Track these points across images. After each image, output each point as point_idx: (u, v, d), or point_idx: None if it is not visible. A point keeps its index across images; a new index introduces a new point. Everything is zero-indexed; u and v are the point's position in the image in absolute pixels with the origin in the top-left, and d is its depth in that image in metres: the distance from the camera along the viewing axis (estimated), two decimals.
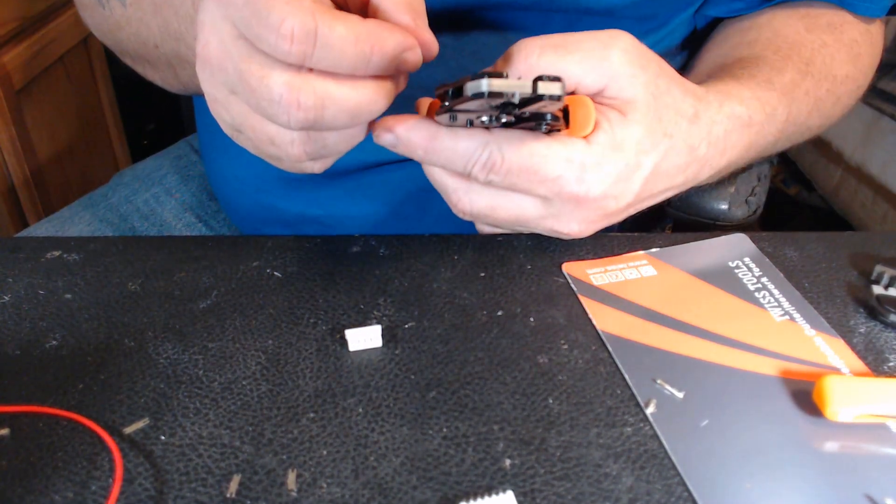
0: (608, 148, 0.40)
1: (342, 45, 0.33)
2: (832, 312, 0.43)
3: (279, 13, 0.32)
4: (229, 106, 0.37)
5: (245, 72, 0.34)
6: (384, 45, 0.34)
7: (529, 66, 0.39)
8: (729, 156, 0.45)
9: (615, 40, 0.40)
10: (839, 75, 0.54)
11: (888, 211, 1.35)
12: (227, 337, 0.41)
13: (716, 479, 0.33)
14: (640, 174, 0.41)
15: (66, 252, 0.47)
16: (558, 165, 0.40)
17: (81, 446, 0.34)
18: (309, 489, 0.32)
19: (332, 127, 0.37)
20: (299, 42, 0.32)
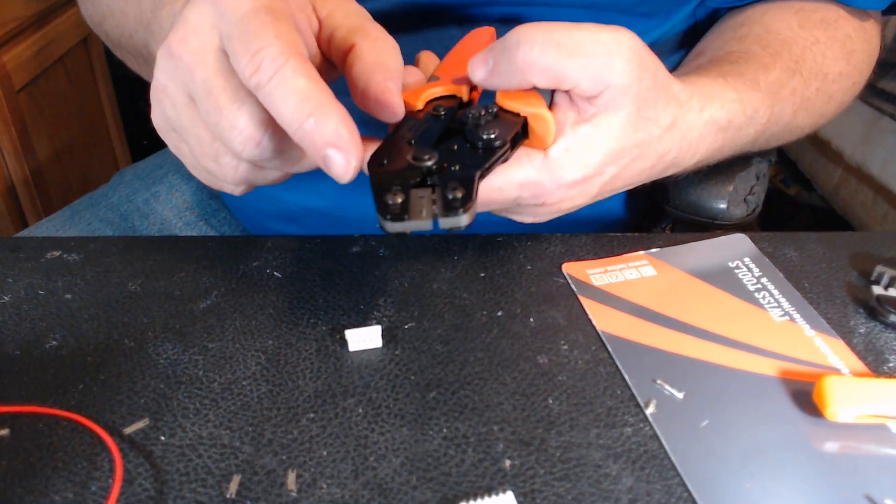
0: (571, 161, 0.39)
1: (289, 94, 0.33)
2: (832, 313, 0.43)
3: (261, 41, 0.33)
4: (179, 107, 0.37)
5: (216, 88, 0.34)
6: (323, 123, 0.33)
7: (527, 63, 0.38)
8: (699, 157, 0.45)
9: (621, 47, 0.38)
10: (831, 73, 0.54)
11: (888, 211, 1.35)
12: (227, 337, 0.41)
13: (716, 480, 0.33)
14: (599, 180, 0.41)
15: (66, 252, 0.47)
16: (514, 191, 0.39)
17: (81, 446, 0.34)
18: (309, 489, 0.32)
19: (282, 169, 0.38)
20: (262, 72, 0.33)
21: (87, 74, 1.40)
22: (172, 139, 0.39)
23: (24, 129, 1.21)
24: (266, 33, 0.33)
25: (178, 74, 0.36)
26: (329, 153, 0.33)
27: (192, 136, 0.37)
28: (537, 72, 0.38)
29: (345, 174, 0.34)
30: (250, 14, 0.34)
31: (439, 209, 0.33)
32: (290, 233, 0.63)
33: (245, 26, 0.34)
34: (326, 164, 0.34)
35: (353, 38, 0.38)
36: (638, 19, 0.57)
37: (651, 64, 0.39)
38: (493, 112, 0.39)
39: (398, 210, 0.33)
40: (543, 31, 0.38)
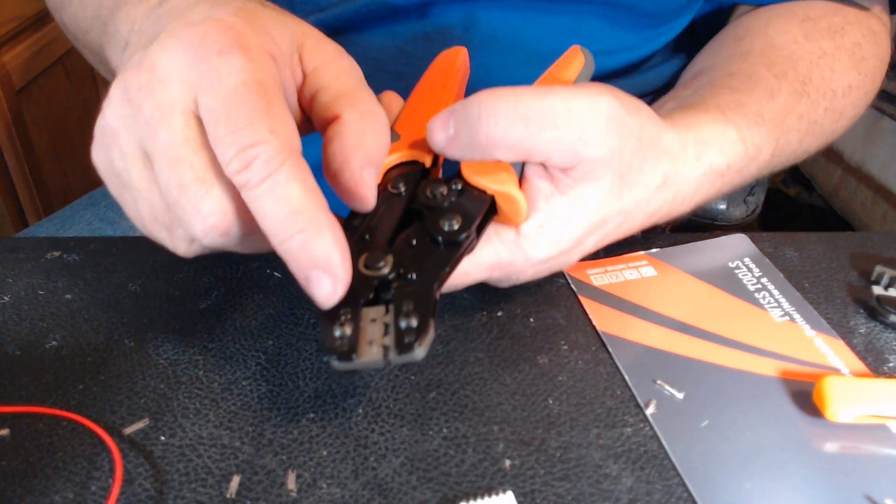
0: (546, 238, 0.36)
1: (280, 203, 0.29)
2: (832, 313, 0.43)
3: (254, 135, 0.29)
4: (130, 162, 0.32)
5: (182, 161, 0.30)
6: (313, 243, 0.29)
7: (491, 139, 0.34)
8: (694, 205, 0.42)
9: (596, 115, 0.34)
10: (840, 88, 0.51)
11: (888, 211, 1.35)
12: (227, 337, 0.41)
13: (716, 480, 0.33)
14: (578, 251, 0.38)
15: (67, 252, 0.47)
16: (483, 273, 0.37)
17: (81, 447, 0.34)
18: (309, 490, 0.32)
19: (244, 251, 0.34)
20: (251, 172, 0.29)
21: (87, 74, 1.40)
22: (115, 186, 0.34)
23: (24, 129, 1.21)
24: (260, 125, 0.29)
25: (134, 126, 0.31)
26: (313, 276, 0.30)
27: (143, 199, 0.32)
28: (503, 148, 0.34)
29: (327, 300, 0.30)
30: (240, 91, 0.30)
31: (391, 341, 0.30)
32: None
33: (235, 107, 0.29)
34: (309, 285, 0.30)
35: (338, 106, 0.34)
36: (639, 19, 0.57)
37: (634, 125, 0.36)
38: (456, 189, 0.35)
39: (345, 347, 0.30)
40: (508, 100, 0.34)
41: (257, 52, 0.31)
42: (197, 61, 0.30)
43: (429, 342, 0.30)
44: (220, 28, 0.31)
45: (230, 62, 0.30)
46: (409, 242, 0.34)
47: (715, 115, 0.42)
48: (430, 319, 0.30)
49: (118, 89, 0.31)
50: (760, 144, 0.44)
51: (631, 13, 0.55)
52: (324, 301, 0.30)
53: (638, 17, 0.56)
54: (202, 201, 0.30)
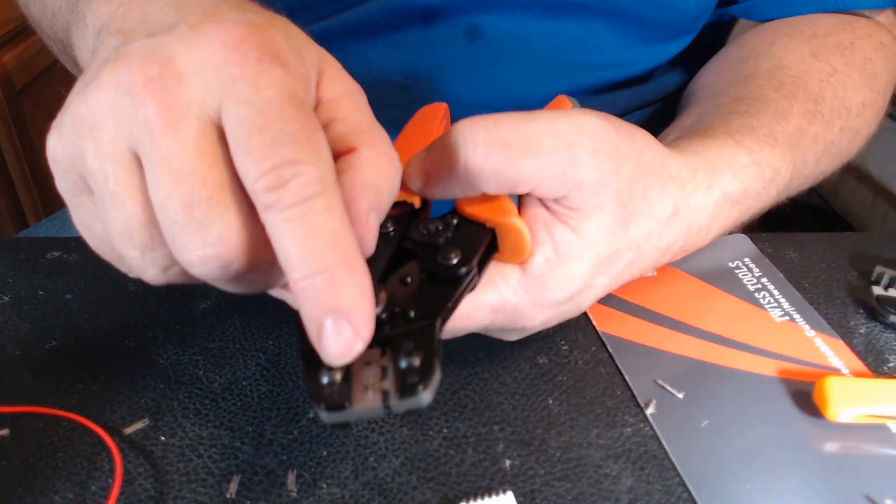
0: (555, 277, 0.34)
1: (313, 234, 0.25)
2: (832, 313, 0.43)
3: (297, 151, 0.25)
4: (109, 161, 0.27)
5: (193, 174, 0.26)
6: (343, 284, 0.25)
7: (470, 170, 0.31)
8: (712, 236, 0.40)
9: (581, 137, 0.32)
10: (854, 106, 0.48)
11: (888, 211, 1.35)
12: (227, 337, 0.41)
13: (716, 480, 0.33)
14: (589, 294, 0.35)
15: (67, 252, 0.47)
16: (485, 317, 0.34)
17: (81, 447, 0.34)
18: (309, 490, 0.32)
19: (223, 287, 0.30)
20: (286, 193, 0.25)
21: None
22: (72, 185, 0.29)
23: (25, 129, 1.20)
24: (306, 143, 0.25)
25: (129, 123, 0.26)
26: (332, 322, 0.25)
27: (117, 209, 0.27)
28: (484, 178, 0.31)
29: (343, 355, 0.25)
30: (284, 104, 0.26)
31: (392, 387, 0.26)
32: None
33: (277, 120, 0.25)
34: (323, 334, 0.25)
35: (355, 140, 0.30)
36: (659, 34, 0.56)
37: (628, 148, 0.33)
38: (452, 224, 0.33)
39: (336, 396, 0.25)
40: (486, 126, 0.31)
41: (295, 72, 0.28)
42: (229, 64, 0.26)
43: (435, 385, 0.26)
44: (259, 36, 0.27)
45: (271, 73, 0.26)
46: (404, 281, 0.31)
47: (724, 141, 0.40)
48: (436, 358, 0.27)
49: (116, 76, 0.26)
50: (777, 167, 0.41)
51: (640, 25, 0.55)
52: (339, 356, 0.25)
53: (646, 30, 0.55)
54: (210, 226, 0.26)
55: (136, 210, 0.27)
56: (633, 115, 0.61)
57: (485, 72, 0.54)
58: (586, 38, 0.55)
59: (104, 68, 0.27)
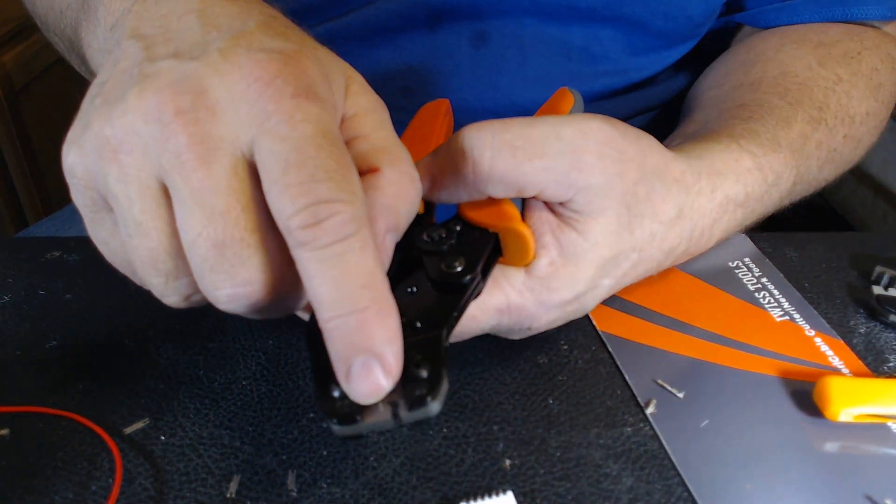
0: (560, 279, 0.34)
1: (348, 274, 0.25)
2: (832, 313, 0.43)
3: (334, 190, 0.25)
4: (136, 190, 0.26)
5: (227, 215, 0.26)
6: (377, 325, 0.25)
7: (478, 175, 0.32)
8: (716, 240, 0.41)
9: (587, 140, 0.32)
10: (858, 114, 0.49)
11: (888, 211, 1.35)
12: (227, 337, 0.41)
13: (716, 480, 0.33)
14: (594, 295, 0.36)
15: (67, 252, 0.47)
16: (491, 319, 0.34)
17: (81, 446, 0.34)
18: (309, 489, 0.32)
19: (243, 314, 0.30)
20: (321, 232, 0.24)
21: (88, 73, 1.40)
22: (92, 203, 0.29)
23: (24, 129, 1.21)
24: (343, 181, 0.25)
25: (159, 153, 0.26)
26: (363, 363, 0.25)
27: (143, 236, 0.27)
28: (492, 182, 0.32)
29: (371, 395, 0.25)
30: (320, 141, 0.25)
31: (400, 398, 0.26)
32: None
33: (313, 157, 0.25)
34: (353, 374, 0.25)
35: (378, 160, 0.29)
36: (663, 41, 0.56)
37: (633, 151, 0.34)
38: (455, 230, 0.33)
39: (348, 410, 0.26)
40: (493, 131, 0.31)
41: (328, 106, 0.27)
42: (263, 99, 0.26)
43: (443, 395, 0.27)
44: (293, 69, 0.27)
45: (306, 109, 0.26)
46: (408, 291, 0.31)
47: (728, 145, 0.40)
48: (443, 369, 0.27)
49: (145, 101, 0.26)
50: (780, 171, 0.42)
51: (645, 32, 0.55)
52: (367, 395, 0.25)
53: (651, 37, 0.55)
54: (241, 267, 0.26)
55: (163, 240, 0.27)
56: (637, 119, 0.61)
57: (490, 77, 0.54)
58: (592, 45, 0.54)
59: (131, 90, 0.26)
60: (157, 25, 0.29)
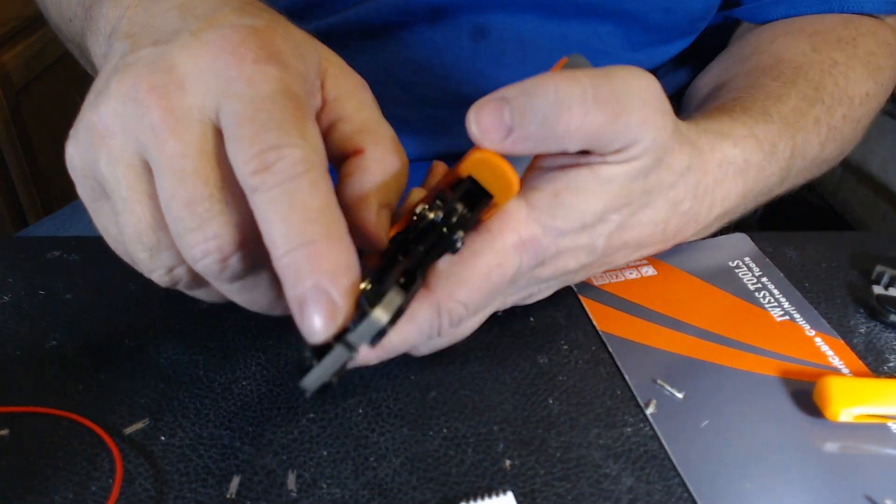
0: (564, 208, 0.33)
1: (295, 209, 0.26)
2: (832, 312, 0.43)
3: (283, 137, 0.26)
4: (121, 169, 0.29)
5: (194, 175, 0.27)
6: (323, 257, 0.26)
7: (570, 129, 0.30)
8: (720, 208, 0.40)
9: (650, 94, 0.32)
10: (857, 95, 0.48)
11: (888, 210, 1.35)
12: (227, 337, 0.41)
13: (716, 480, 0.33)
14: (603, 229, 0.35)
15: (67, 252, 0.47)
16: (513, 259, 0.33)
17: (81, 447, 0.34)
18: (309, 490, 0.32)
19: (228, 298, 0.32)
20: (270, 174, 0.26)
21: (87, 73, 1.40)
22: (91, 191, 0.31)
23: (25, 129, 1.21)
24: (293, 128, 0.27)
25: (138, 130, 0.28)
26: (311, 297, 0.26)
27: (128, 213, 0.29)
28: (577, 138, 0.31)
29: (322, 330, 0.26)
30: (275, 97, 0.27)
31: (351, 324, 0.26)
32: None
33: (266, 110, 0.27)
34: (304, 310, 0.26)
35: (362, 140, 0.31)
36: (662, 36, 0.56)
37: (669, 107, 0.34)
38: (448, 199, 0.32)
39: (309, 362, 0.27)
40: (583, 85, 0.30)
41: (292, 70, 0.29)
42: (227, 67, 0.28)
43: (390, 305, 0.26)
44: (257, 38, 0.28)
45: (266, 71, 0.28)
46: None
47: (720, 117, 0.41)
48: (389, 283, 0.27)
49: (123, 85, 0.28)
50: (774, 141, 0.42)
51: (645, 27, 0.55)
52: (318, 329, 0.26)
53: (651, 32, 0.55)
54: (210, 222, 0.27)
55: (146, 213, 0.29)
56: None
57: (490, 72, 0.54)
58: (591, 39, 0.55)
59: (113, 77, 0.29)
60: (143, 24, 0.32)
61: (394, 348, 0.33)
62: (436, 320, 0.32)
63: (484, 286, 0.33)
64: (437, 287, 0.32)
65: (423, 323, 0.32)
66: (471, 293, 0.32)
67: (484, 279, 0.32)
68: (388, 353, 0.34)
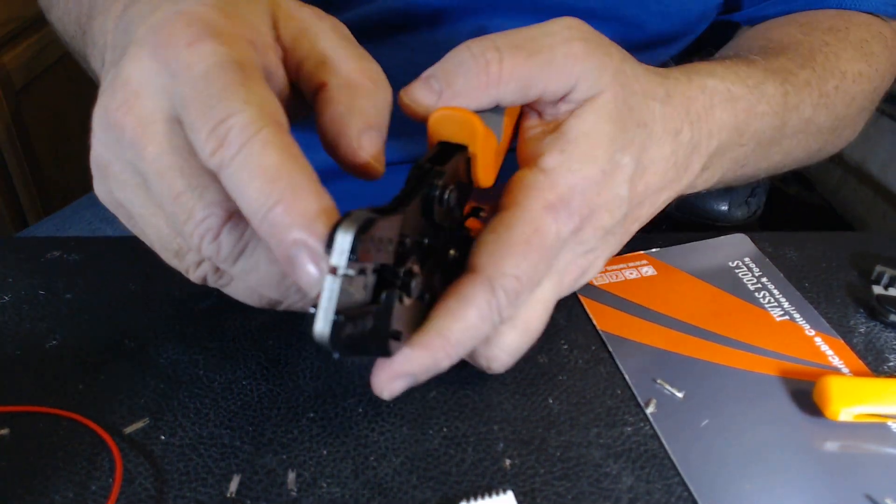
0: (574, 160, 0.33)
1: (255, 173, 0.26)
2: (832, 312, 0.43)
3: (227, 107, 0.26)
4: (128, 190, 0.30)
5: (170, 170, 0.28)
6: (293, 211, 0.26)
7: (491, 77, 0.32)
8: (717, 138, 0.39)
9: (572, 30, 0.33)
10: (850, 71, 0.48)
11: (888, 211, 1.35)
12: (227, 337, 0.41)
13: (716, 479, 0.33)
14: (622, 175, 0.35)
15: (67, 252, 0.47)
16: (549, 225, 0.33)
17: (81, 446, 0.34)
18: (309, 489, 0.32)
19: (246, 280, 0.31)
20: (226, 148, 0.26)
21: (87, 74, 1.40)
22: (124, 217, 0.33)
23: (25, 129, 1.21)
24: (233, 96, 0.27)
25: (122, 150, 0.29)
26: (296, 253, 0.26)
27: (149, 226, 0.31)
28: (503, 84, 0.32)
29: (312, 280, 0.26)
30: (212, 71, 0.27)
31: None
32: None
33: (205, 88, 0.27)
34: (292, 266, 0.26)
35: (322, 73, 0.31)
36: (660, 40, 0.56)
37: (607, 41, 0.35)
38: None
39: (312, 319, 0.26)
40: (494, 37, 0.32)
41: (231, 38, 0.29)
42: (167, 60, 0.28)
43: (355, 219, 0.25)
44: (185, 21, 0.28)
45: (199, 50, 0.28)
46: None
47: (694, 64, 0.41)
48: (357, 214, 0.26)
49: (98, 116, 0.30)
50: (759, 81, 0.41)
51: (644, 32, 0.55)
52: (310, 281, 0.26)
53: (648, 37, 0.55)
54: (195, 206, 0.28)
55: (160, 222, 0.31)
56: None
57: None
58: None
59: (94, 113, 0.30)
60: (112, 45, 0.33)
61: (460, 340, 0.31)
62: (492, 298, 0.31)
63: (528, 254, 0.32)
64: (483, 266, 0.31)
65: (480, 304, 0.31)
66: (517, 262, 0.31)
67: (525, 247, 0.32)
68: (455, 348, 0.31)
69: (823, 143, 0.50)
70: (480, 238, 0.32)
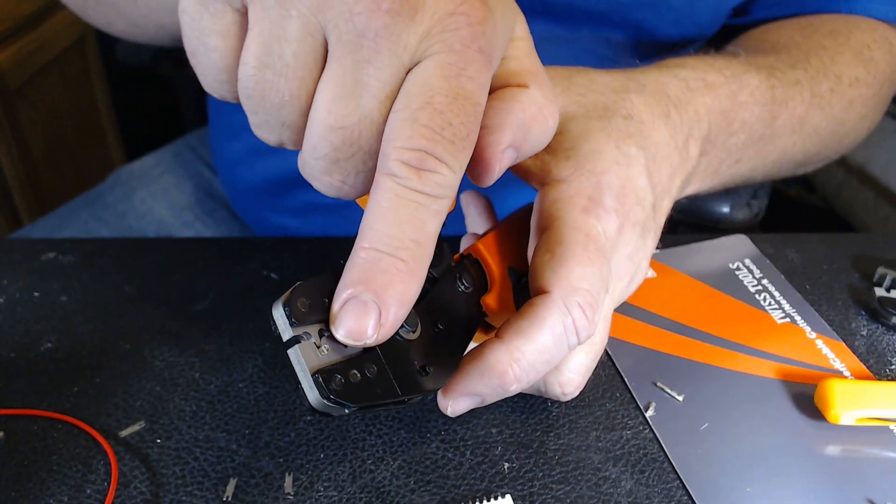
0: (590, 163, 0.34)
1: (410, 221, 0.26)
2: (833, 315, 0.42)
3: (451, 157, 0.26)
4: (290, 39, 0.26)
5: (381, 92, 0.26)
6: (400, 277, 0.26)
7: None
8: (706, 121, 0.39)
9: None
10: (846, 76, 0.47)
11: (890, 212, 1.35)
12: (223, 339, 0.40)
13: (716, 483, 0.33)
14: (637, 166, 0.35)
15: (62, 254, 0.47)
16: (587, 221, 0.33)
17: (77, 450, 0.34)
18: (306, 493, 0.32)
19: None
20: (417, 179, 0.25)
21: (82, 74, 1.40)
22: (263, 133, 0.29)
23: (19, 130, 1.20)
24: (460, 152, 0.26)
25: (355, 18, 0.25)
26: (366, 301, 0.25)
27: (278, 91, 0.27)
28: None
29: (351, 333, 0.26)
30: (469, 101, 0.26)
31: None
32: (293, 227, 0.63)
33: (455, 111, 0.26)
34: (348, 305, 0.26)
35: (530, 79, 0.30)
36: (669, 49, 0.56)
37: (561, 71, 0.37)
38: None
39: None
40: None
41: (493, 72, 0.28)
42: (456, 37, 0.26)
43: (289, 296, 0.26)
44: (489, 25, 0.27)
45: (478, 69, 0.27)
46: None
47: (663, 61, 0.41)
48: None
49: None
50: (738, 72, 0.41)
51: (654, 37, 0.55)
52: (349, 333, 0.26)
53: (660, 42, 0.55)
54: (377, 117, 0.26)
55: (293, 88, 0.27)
56: None
57: None
58: (601, 47, 0.54)
59: None
60: None
61: (533, 364, 0.30)
62: (567, 317, 0.30)
63: (589, 259, 0.31)
64: (551, 285, 0.31)
65: (554, 325, 0.30)
66: (583, 271, 0.31)
67: (583, 252, 0.31)
68: (528, 373, 0.30)
69: (822, 147, 0.50)
70: (536, 260, 0.32)
